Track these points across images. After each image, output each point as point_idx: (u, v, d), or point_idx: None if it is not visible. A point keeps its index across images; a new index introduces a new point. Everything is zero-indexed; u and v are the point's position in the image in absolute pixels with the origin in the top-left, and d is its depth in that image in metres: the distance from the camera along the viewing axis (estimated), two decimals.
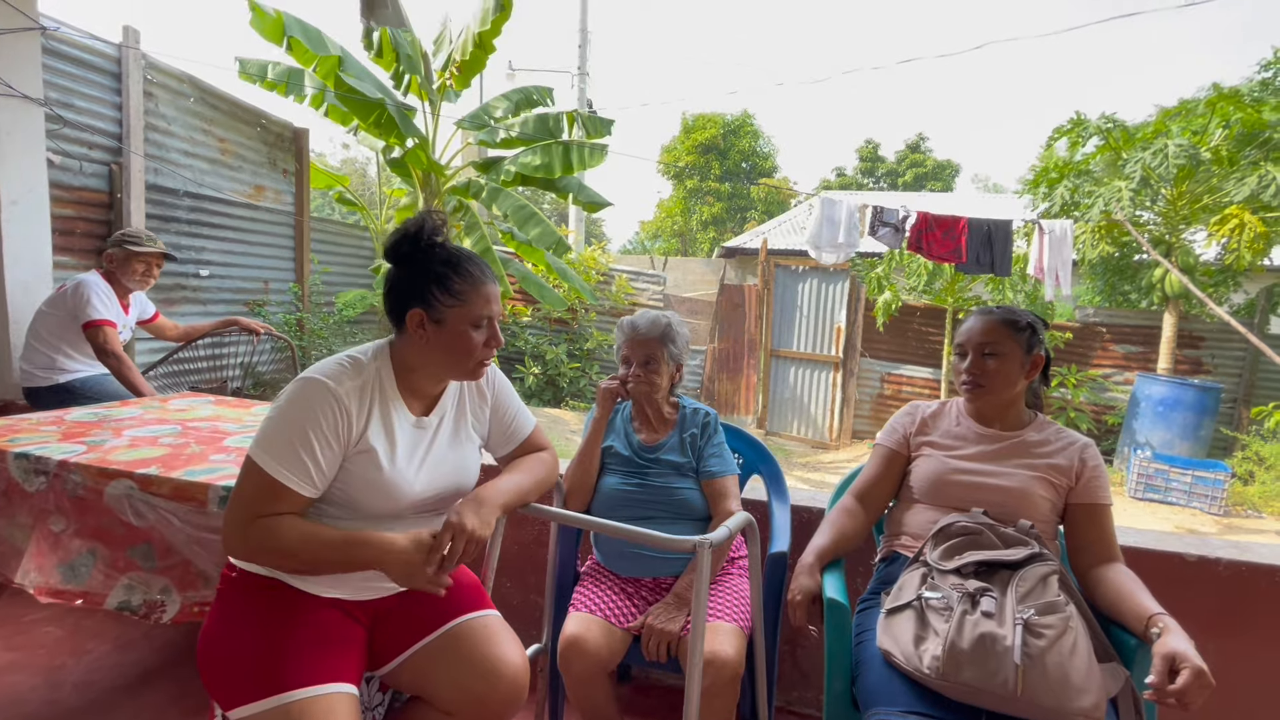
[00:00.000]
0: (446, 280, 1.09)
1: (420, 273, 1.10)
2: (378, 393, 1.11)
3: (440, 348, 1.11)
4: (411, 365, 1.15)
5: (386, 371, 1.14)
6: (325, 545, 1.01)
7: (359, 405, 1.08)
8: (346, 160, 22.09)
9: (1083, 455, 1.35)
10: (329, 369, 1.08)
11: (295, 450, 1.01)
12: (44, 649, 1.95)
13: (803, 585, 1.31)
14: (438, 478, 1.17)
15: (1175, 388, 6.30)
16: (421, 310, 1.10)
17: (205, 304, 4.37)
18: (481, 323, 1.12)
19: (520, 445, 1.35)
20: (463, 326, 1.11)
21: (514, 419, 1.34)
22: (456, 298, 1.10)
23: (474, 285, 1.11)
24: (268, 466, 1.01)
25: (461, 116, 4.97)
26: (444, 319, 1.10)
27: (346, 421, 1.06)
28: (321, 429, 1.03)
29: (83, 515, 1.45)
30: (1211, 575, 1.57)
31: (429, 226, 1.11)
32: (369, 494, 1.08)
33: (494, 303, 1.14)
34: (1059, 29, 23.39)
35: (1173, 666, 0.99)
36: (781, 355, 8.01)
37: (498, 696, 1.12)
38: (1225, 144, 5.96)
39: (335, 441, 1.05)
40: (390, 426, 1.12)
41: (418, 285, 1.10)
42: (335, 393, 1.04)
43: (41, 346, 2.46)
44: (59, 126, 3.19)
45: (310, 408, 1.03)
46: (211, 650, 1.03)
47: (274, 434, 1.02)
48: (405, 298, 1.11)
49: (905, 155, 25.65)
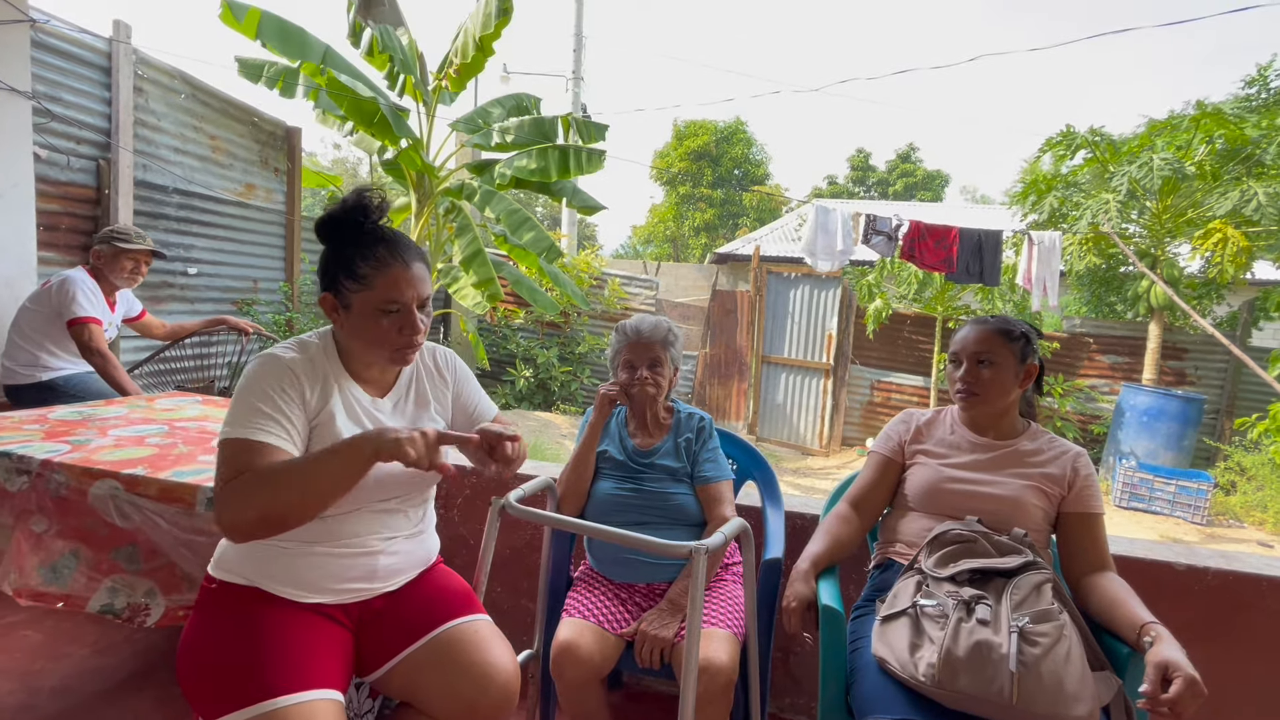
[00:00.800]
0: (351, 264, 1.06)
1: (334, 256, 1.08)
2: (326, 371, 1.11)
3: (353, 333, 1.10)
4: (345, 349, 1.15)
5: (331, 353, 1.14)
6: (307, 459, 0.98)
7: (309, 378, 1.08)
8: (338, 160, 21.97)
9: (1075, 464, 1.36)
10: (277, 346, 1.09)
11: (259, 410, 1.01)
12: (21, 653, 1.91)
13: (798, 592, 1.30)
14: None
15: (1160, 398, 6.38)
16: (330, 295, 1.09)
17: (193, 302, 4.31)
18: (390, 308, 1.07)
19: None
20: (369, 311, 1.07)
21: (477, 406, 1.33)
22: (360, 282, 1.06)
23: (379, 269, 1.06)
24: (232, 433, 0.99)
25: (456, 119, 4.95)
26: (351, 304, 1.08)
27: (299, 387, 1.05)
28: (282, 388, 1.03)
29: (66, 516, 1.42)
30: (1200, 584, 1.59)
31: (350, 204, 1.07)
32: None
33: (405, 287, 1.07)
34: (1049, 44, 23.74)
35: (1166, 675, 0.99)
36: (773, 361, 8.03)
37: (488, 702, 1.11)
38: (1209, 159, 6.07)
39: (298, 401, 1.05)
40: (350, 406, 1.11)
41: (330, 269, 1.08)
42: (283, 359, 1.06)
43: (24, 343, 2.41)
44: (47, 120, 3.14)
45: (265, 374, 1.04)
46: (191, 660, 1.01)
47: (235, 409, 1.02)
48: (322, 281, 1.10)
49: (896, 165, 25.91)
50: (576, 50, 12.28)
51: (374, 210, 1.08)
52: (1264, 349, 7.16)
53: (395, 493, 1.16)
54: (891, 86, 78.00)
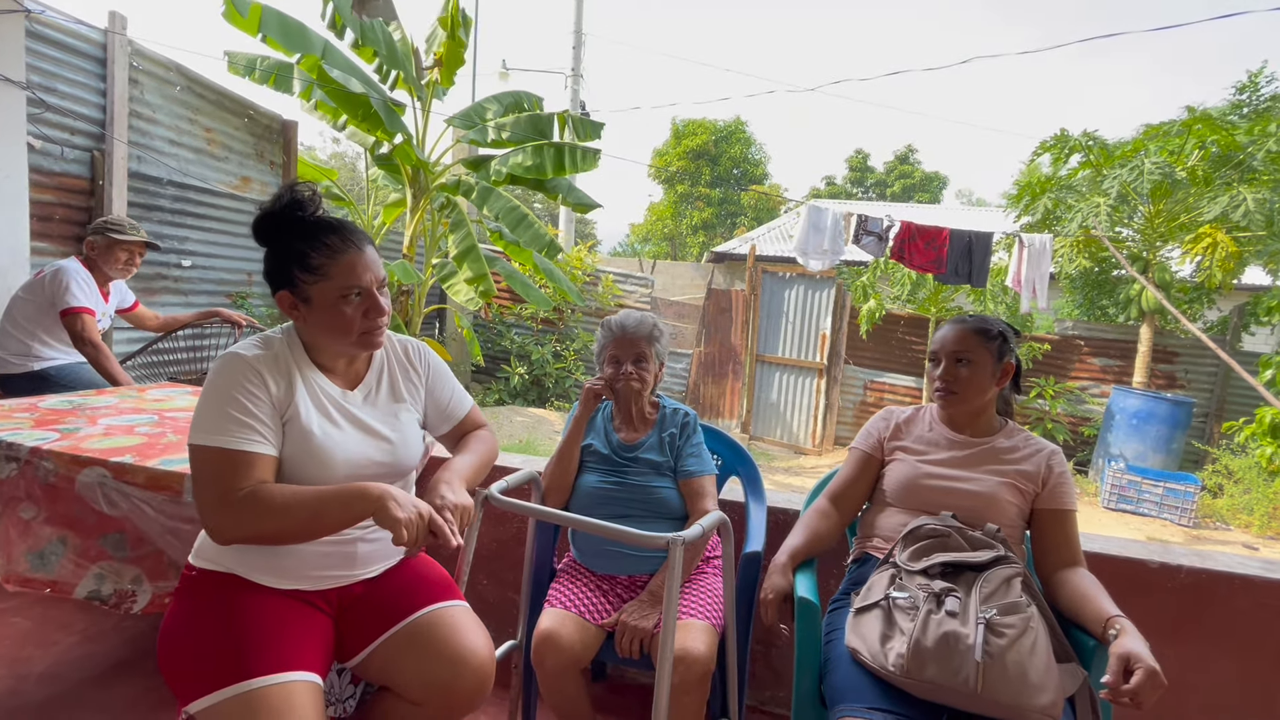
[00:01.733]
0: (304, 257, 1.06)
1: (282, 253, 1.08)
2: (294, 366, 1.11)
3: (317, 325, 1.10)
4: (310, 343, 1.15)
5: (297, 347, 1.14)
6: (318, 500, 1.00)
7: (274, 374, 1.08)
8: (335, 155, 21.92)
9: (1050, 462, 1.38)
10: (241, 344, 1.09)
11: (233, 417, 1.01)
12: (9, 640, 1.92)
13: (775, 584, 1.33)
14: (372, 451, 1.15)
15: (1149, 401, 6.43)
16: (288, 292, 1.09)
17: (186, 295, 4.32)
18: (350, 294, 1.08)
19: (459, 424, 1.35)
20: (330, 301, 1.07)
21: (451, 397, 1.34)
22: (316, 273, 1.06)
23: (333, 257, 1.07)
24: (212, 441, 1.00)
25: (452, 115, 4.96)
26: (310, 297, 1.08)
27: (263, 385, 1.05)
28: (249, 390, 1.03)
29: (54, 503, 1.44)
30: (1173, 581, 1.62)
31: (285, 201, 1.08)
32: (300, 465, 1.07)
33: (362, 272, 1.08)
34: (1041, 47, 23.80)
35: (1127, 666, 1.02)
36: (767, 361, 8.06)
37: (463, 686, 1.12)
38: (1201, 164, 6.11)
39: (267, 401, 1.05)
40: (318, 398, 1.12)
41: (281, 266, 1.08)
42: (246, 359, 1.05)
43: (16, 332, 2.42)
44: (41, 111, 3.14)
45: (227, 377, 1.04)
46: (171, 644, 1.03)
47: (206, 413, 1.02)
48: (273, 280, 1.10)
49: (894, 166, 25.97)
50: (576, 48, 12.28)
51: (308, 202, 1.09)
52: (1254, 354, 7.22)
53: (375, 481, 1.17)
54: (892, 89, 78.10)
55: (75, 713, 1.65)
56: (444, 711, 1.15)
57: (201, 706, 0.96)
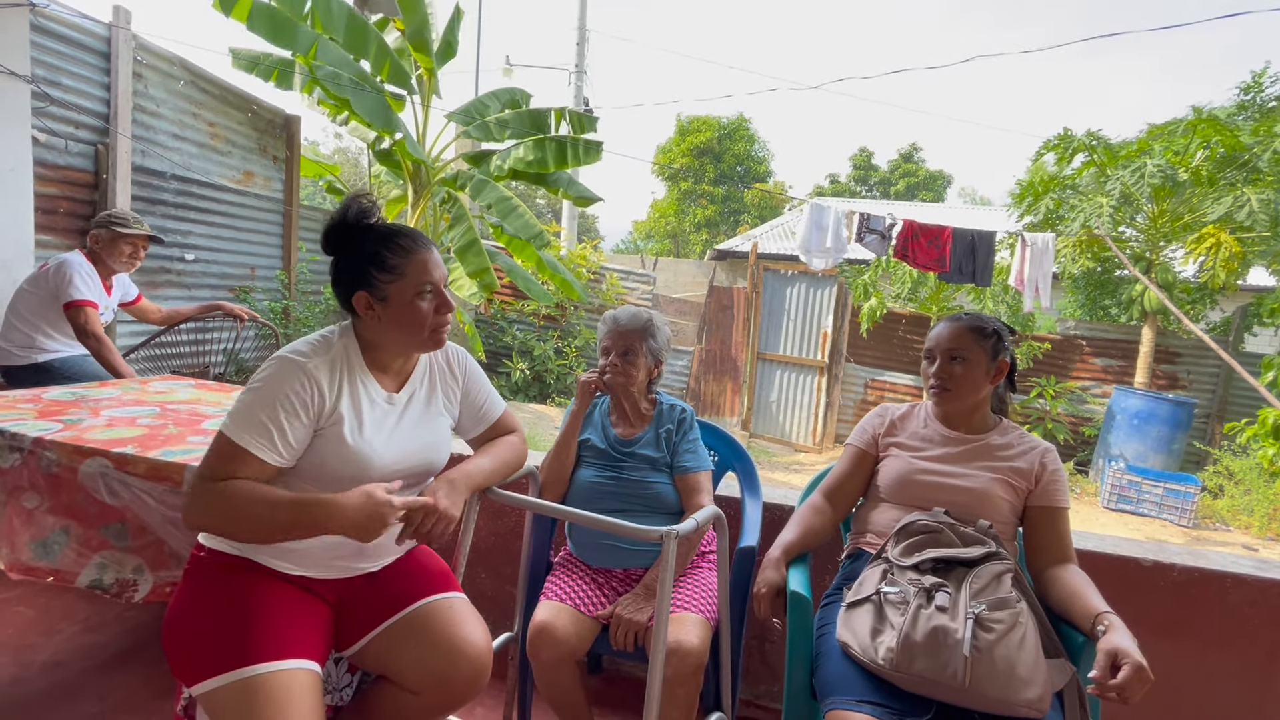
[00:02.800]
0: (380, 258, 1.11)
1: (356, 257, 1.12)
2: (346, 369, 1.14)
3: (392, 324, 1.14)
4: (373, 343, 1.18)
5: (353, 349, 1.17)
6: (275, 505, 1.01)
7: (329, 379, 1.10)
8: (339, 150, 21.93)
9: (1043, 460, 1.39)
10: (299, 346, 1.11)
11: (260, 419, 1.03)
12: (13, 629, 1.94)
13: (768, 579, 1.34)
14: (409, 453, 1.19)
15: (1151, 401, 6.42)
16: (365, 293, 1.13)
17: (190, 288, 4.34)
18: (425, 290, 1.14)
19: (491, 427, 1.38)
20: (407, 298, 1.13)
21: (485, 401, 1.37)
22: (393, 273, 1.12)
23: (407, 257, 1.12)
24: (232, 434, 1.03)
25: (452, 110, 4.96)
26: (388, 296, 1.12)
27: (318, 394, 1.08)
28: (290, 400, 1.05)
29: (56, 492, 1.45)
30: (1166, 580, 1.63)
31: (354, 211, 1.13)
32: (337, 466, 1.10)
33: (433, 269, 1.15)
34: (1043, 46, 23.69)
35: (1115, 662, 1.03)
36: (768, 358, 8.06)
37: (460, 676, 1.14)
38: (1206, 165, 6.09)
39: (305, 413, 1.07)
40: (359, 401, 1.14)
41: (357, 269, 1.13)
42: (305, 367, 1.07)
43: (21, 325, 2.44)
44: (45, 105, 3.16)
45: (280, 381, 1.06)
46: (176, 627, 1.05)
47: (243, 407, 1.05)
48: (348, 284, 1.14)
49: (898, 164, 25.90)
50: (579, 44, 12.26)
51: (372, 211, 1.15)
52: (1256, 354, 7.20)
53: (409, 482, 1.20)
54: (897, 88, 77.80)
55: (78, 701, 1.67)
56: (441, 701, 1.16)
57: (203, 689, 0.98)
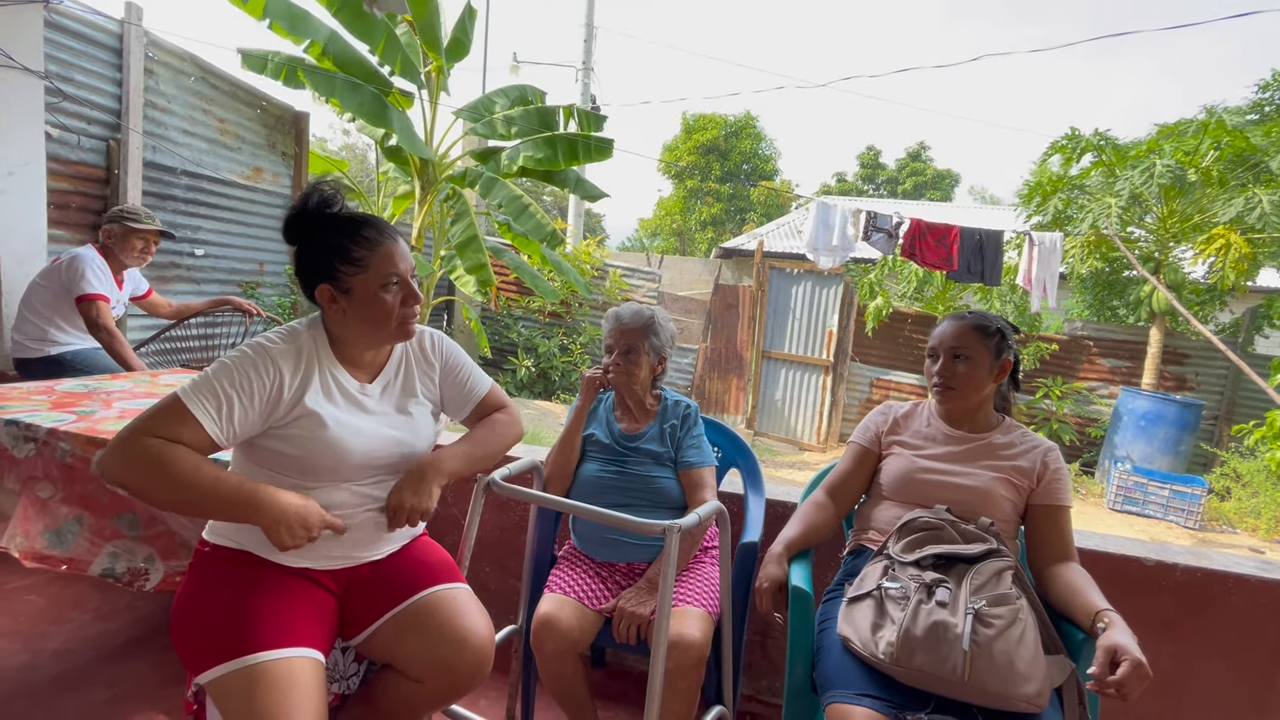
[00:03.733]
0: (344, 249, 1.10)
1: (318, 248, 1.11)
2: (315, 360, 1.14)
3: (357, 317, 1.13)
4: (340, 336, 1.17)
5: (321, 341, 1.16)
6: (214, 483, 1.00)
7: (293, 368, 1.10)
8: (346, 146, 21.99)
9: (1045, 458, 1.40)
10: (272, 334, 1.12)
11: (215, 387, 1.03)
12: (25, 617, 1.97)
13: (770, 574, 1.35)
14: (385, 443, 1.19)
15: (1158, 403, 6.39)
16: (328, 285, 1.11)
17: (199, 283, 4.37)
18: (390, 282, 1.12)
19: (479, 405, 1.36)
20: (371, 291, 1.11)
21: (468, 381, 1.35)
22: (357, 265, 1.10)
23: (371, 248, 1.11)
24: (185, 396, 1.02)
25: (460, 107, 4.98)
26: (351, 288, 1.11)
27: (278, 383, 1.07)
28: (250, 381, 1.05)
29: (70, 483, 1.48)
30: (1169, 580, 1.63)
31: (315, 199, 1.12)
32: (315, 455, 1.11)
33: (399, 260, 1.13)
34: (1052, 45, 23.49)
35: (1114, 659, 1.04)
36: (773, 357, 8.06)
37: (463, 665, 1.16)
38: (1216, 165, 6.05)
39: (259, 399, 1.06)
40: (330, 393, 1.14)
41: (319, 261, 1.11)
42: (271, 353, 1.08)
43: (34, 318, 2.47)
44: (58, 100, 3.19)
45: (245, 362, 1.06)
46: (183, 618, 1.06)
47: (203, 376, 1.05)
48: (311, 276, 1.13)
49: (906, 163, 25.77)
50: (587, 41, 12.27)
51: (336, 199, 1.14)
52: (1266, 356, 7.15)
53: (384, 473, 1.21)
54: (905, 86, 77.42)
55: (88, 688, 1.70)
56: (444, 690, 1.18)
57: (209, 677, 0.99)
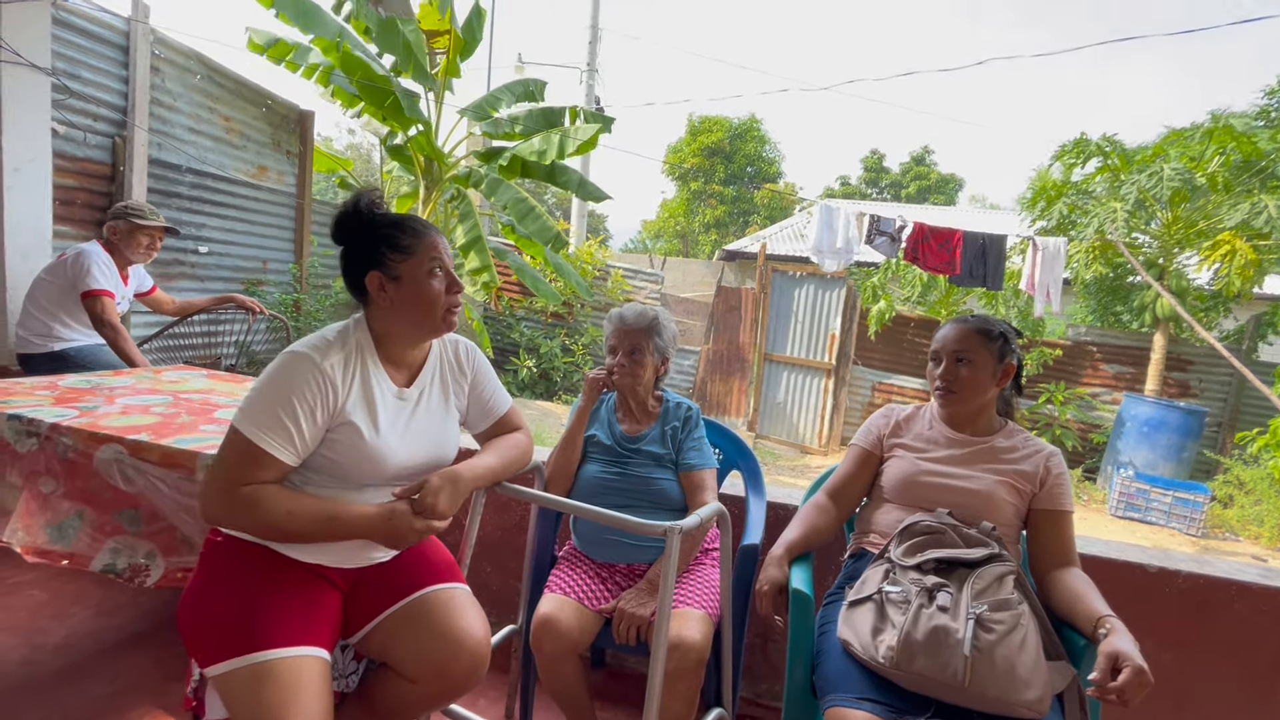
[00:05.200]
0: (393, 238, 1.15)
1: (369, 240, 1.16)
2: (359, 364, 1.15)
3: (405, 304, 1.16)
4: (386, 332, 1.19)
5: (366, 342, 1.18)
6: (309, 519, 1.06)
7: (343, 376, 1.12)
8: (351, 145, 22.04)
9: (1048, 463, 1.39)
10: (313, 342, 1.12)
11: (279, 418, 1.05)
12: (26, 611, 1.98)
13: (770, 576, 1.35)
14: (420, 448, 1.21)
15: (1161, 409, 6.36)
16: (378, 272, 1.15)
17: (203, 280, 4.38)
18: (435, 269, 1.17)
19: (497, 423, 1.39)
20: (419, 275, 1.16)
21: (492, 397, 1.38)
22: (405, 252, 1.15)
23: (418, 237, 1.16)
24: (250, 434, 1.04)
25: (465, 105, 4.99)
26: (400, 275, 1.15)
27: (332, 392, 1.09)
28: (306, 399, 1.07)
29: (72, 478, 1.48)
30: (1171, 587, 1.62)
31: (366, 200, 1.17)
32: (355, 462, 1.12)
33: (441, 250, 1.19)
34: (1057, 49, 23.49)
35: (1115, 665, 1.03)
36: (775, 360, 8.05)
37: (458, 667, 1.16)
38: (1223, 171, 6.03)
39: (320, 412, 1.09)
40: (372, 397, 1.15)
41: (369, 251, 1.16)
42: (320, 366, 1.09)
43: (38, 313, 2.48)
44: (65, 97, 3.20)
45: (294, 379, 1.07)
46: (192, 611, 1.07)
47: (258, 403, 1.06)
48: (361, 266, 1.16)
49: (910, 167, 25.75)
50: (591, 43, 12.28)
51: (381, 201, 1.20)
52: (1270, 364, 7.12)
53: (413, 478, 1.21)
54: (909, 90, 77.39)
55: (89, 683, 1.70)
56: (439, 690, 1.18)
57: (217, 671, 1.00)
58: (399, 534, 1.10)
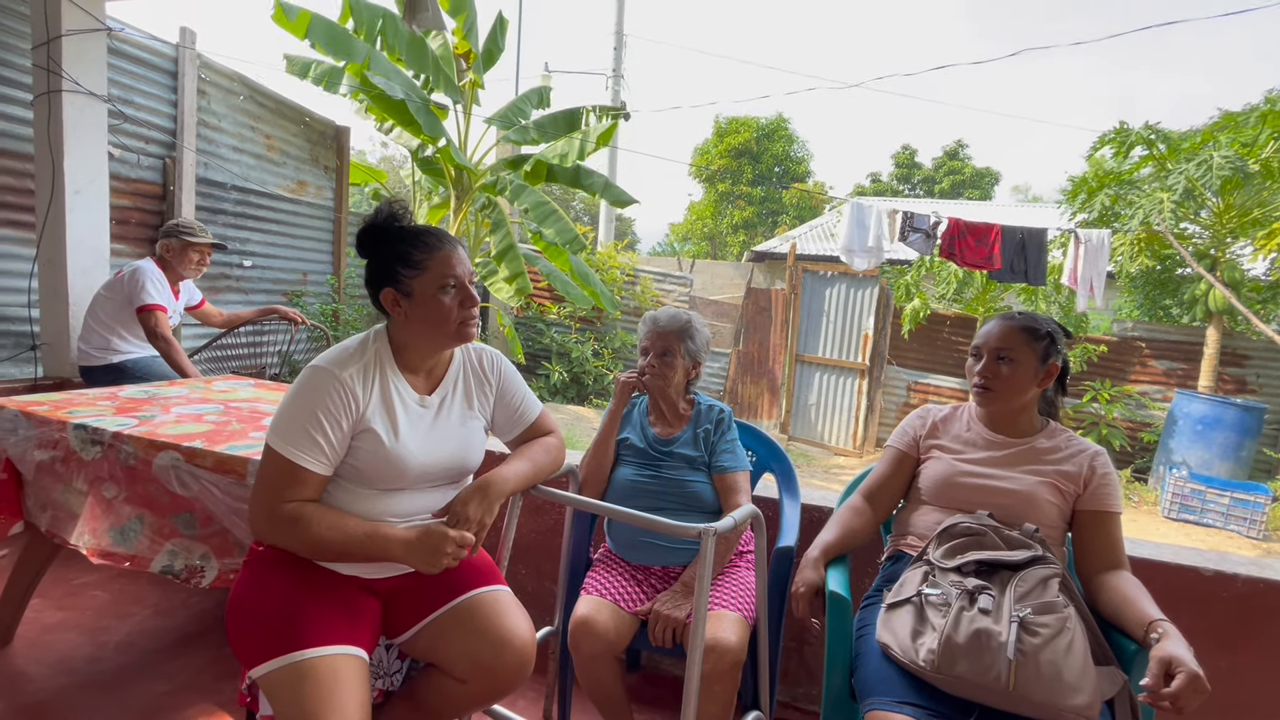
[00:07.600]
0: (406, 255, 1.17)
1: (385, 255, 1.19)
2: (378, 373, 1.20)
3: (419, 319, 1.19)
4: (404, 343, 1.23)
5: (385, 352, 1.22)
6: (349, 539, 1.11)
7: (363, 385, 1.16)
8: (385, 158, 22.59)
9: (1093, 463, 1.35)
10: (333, 355, 1.17)
11: (307, 433, 1.10)
12: (90, 610, 2.08)
13: (806, 578, 1.34)
14: (442, 454, 1.24)
15: (1216, 406, 6.09)
16: (391, 288, 1.18)
17: (247, 293, 4.55)
18: (448, 285, 1.18)
19: (528, 429, 1.41)
20: (430, 292, 1.17)
21: (521, 404, 1.40)
22: (417, 267, 1.17)
23: (430, 252, 1.18)
24: (284, 450, 1.10)
25: (491, 115, 5.08)
26: (412, 291, 1.18)
27: (353, 401, 1.14)
28: (330, 411, 1.12)
29: (133, 483, 1.56)
30: (1228, 591, 1.56)
31: (384, 214, 1.19)
32: (376, 467, 1.16)
33: (456, 265, 1.19)
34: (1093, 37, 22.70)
35: (1169, 670, 1.00)
36: (806, 361, 7.96)
37: (505, 666, 1.18)
38: (1278, 156, 5.75)
39: (344, 420, 1.13)
40: (391, 405, 1.19)
41: (385, 267, 1.19)
42: (340, 377, 1.14)
43: (98, 328, 2.61)
44: (120, 122, 3.38)
45: (317, 393, 1.12)
46: (237, 614, 1.12)
47: (287, 420, 1.12)
48: (377, 282, 1.20)
49: (943, 162, 25.20)
50: (617, 48, 12.37)
51: (403, 213, 1.21)
52: None
53: (438, 484, 1.26)
54: (940, 84, 75.80)
55: (148, 680, 1.78)
56: (487, 690, 1.21)
57: (261, 671, 1.04)
58: (435, 551, 1.11)
